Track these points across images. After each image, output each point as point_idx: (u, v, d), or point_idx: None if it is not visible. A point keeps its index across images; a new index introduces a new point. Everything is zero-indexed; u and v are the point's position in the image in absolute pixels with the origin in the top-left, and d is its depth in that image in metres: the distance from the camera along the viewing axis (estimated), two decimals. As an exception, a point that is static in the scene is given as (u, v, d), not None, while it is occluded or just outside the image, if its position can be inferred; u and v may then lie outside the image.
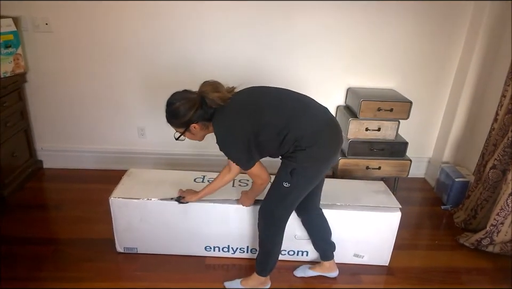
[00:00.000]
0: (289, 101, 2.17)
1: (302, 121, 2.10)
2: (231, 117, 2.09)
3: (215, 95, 2.05)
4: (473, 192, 3.17)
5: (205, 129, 2.17)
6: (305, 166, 2.11)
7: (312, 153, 2.08)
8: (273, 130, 2.08)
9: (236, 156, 2.13)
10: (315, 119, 2.14)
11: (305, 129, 2.08)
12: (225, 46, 3.40)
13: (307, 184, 2.20)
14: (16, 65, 3.25)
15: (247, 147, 2.07)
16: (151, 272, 2.59)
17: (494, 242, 2.90)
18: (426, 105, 3.71)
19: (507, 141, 2.80)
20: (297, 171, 2.10)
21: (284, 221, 2.30)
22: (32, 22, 3.25)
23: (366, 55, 3.50)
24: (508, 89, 2.84)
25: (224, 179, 2.32)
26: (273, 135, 2.08)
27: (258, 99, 2.15)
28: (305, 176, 2.14)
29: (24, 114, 3.47)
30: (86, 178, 3.66)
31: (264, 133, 2.07)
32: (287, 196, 2.19)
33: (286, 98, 2.19)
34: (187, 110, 2.06)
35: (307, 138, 2.06)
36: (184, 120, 2.09)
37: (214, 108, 2.09)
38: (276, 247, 2.38)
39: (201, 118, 2.10)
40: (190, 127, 2.12)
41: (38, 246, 2.77)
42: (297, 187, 2.16)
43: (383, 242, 2.70)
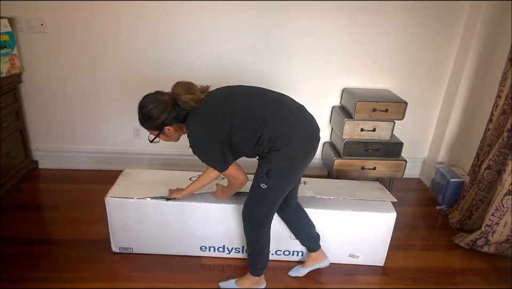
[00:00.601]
0: (263, 101, 2.16)
1: (275, 122, 2.09)
2: (204, 119, 2.08)
3: (188, 97, 2.04)
4: (468, 193, 3.18)
5: (179, 131, 2.16)
6: (281, 167, 2.11)
7: (287, 154, 2.08)
8: (247, 132, 2.07)
9: (210, 159, 2.12)
10: (289, 118, 2.13)
11: (279, 130, 2.07)
12: (224, 47, 3.40)
13: (284, 184, 2.20)
14: (12, 65, 3.24)
15: (221, 150, 2.06)
16: (147, 272, 2.59)
17: (489, 243, 2.91)
18: (422, 106, 3.72)
19: (502, 141, 2.81)
20: (273, 172, 2.10)
21: (267, 221, 2.31)
22: (28, 23, 3.24)
23: (361, 56, 3.50)
24: (502, 89, 2.85)
25: (210, 176, 2.28)
26: (247, 137, 2.08)
27: (231, 101, 2.13)
28: (281, 177, 2.14)
29: (19, 115, 3.47)
30: (82, 178, 3.66)
31: (238, 134, 2.06)
32: (266, 197, 2.19)
33: (260, 98, 2.18)
34: (160, 112, 2.04)
35: (281, 138, 2.06)
36: (157, 123, 2.07)
37: (186, 110, 2.07)
38: (264, 247, 2.38)
39: (174, 120, 2.08)
40: (164, 130, 2.11)
41: (34, 246, 2.77)
42: (275, 188, 2.16)
43: (378, 243, 2.70)
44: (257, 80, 3.46)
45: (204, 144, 2.09)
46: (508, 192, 2.72)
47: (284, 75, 3.53)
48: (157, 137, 2.17)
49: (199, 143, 2.09)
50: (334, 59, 3.51)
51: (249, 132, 2.07)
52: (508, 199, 2.73)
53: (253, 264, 2.44)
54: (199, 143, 2.09)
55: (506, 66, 2.82)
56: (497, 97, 2.90)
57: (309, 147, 2.17)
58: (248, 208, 2.27)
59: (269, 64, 3.49)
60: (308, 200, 2.64)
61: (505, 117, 2.83)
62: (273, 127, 2.07)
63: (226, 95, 2.17)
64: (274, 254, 2.72)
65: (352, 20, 3.37)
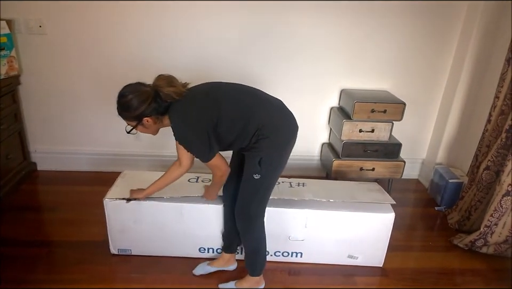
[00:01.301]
0: (244, 94, 2.20)
1: (261, 110, 2.14)
2: (188, 109, 2.08)
3: (170, 90, 2.04)
4: (467, 193, 3.18)
5: (158, 123, 2.15)
6: (271, 154, 2.13)
7: (276, 140, 2.13)
8: (232, 121, 2.09)
9: (196, 148, 2.11)
10: (273, 107, 2.20)
11: (266, 117, 2.12)
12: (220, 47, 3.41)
13: (275, 172, 2.21)
14: (10, 67, 3.24)
15: (207, 139, 2.06)
16: (145, 274, 2.58)
17: (488, 243, 2.91)
18: (420, 107, 3.72)
19: (500, 142, 2.82)
20: (264, 160, 2.11)
21: (262, 215, 2.32)
22: (26, 24, 3.24)
23: (360, 57, 3.51)
24: (500, 90, 2.85)
25: (173, 175, 2.29)
26: (232, 127, 2.10)
27: (216, 92, 2.15)
28: (271, 164, 2.15)
29: (18, 117, 3.46)
30: (80, 180, 3.65)
31: (223, 124, 2.07)
32: (259, 189, 2.20)
33: (241, 91, 2.21)
34: (140, 103, 2.03)
35: (269, 125, 2.10)
36: (136, 113, 2.06)
37: (168, 102, 2.07)
38: (262, 243, 2.39)
39: (154, 111, 2.07)
40: (143, 121, 2.10)
41: (32, 248, 2.77)
42: (267, 177, 2.18)
43: (377, 243, 2.70)
44: (255, 80, 3.46)
45: (190, 134, 2.08)
46: (506, 192, 2.72)
47: (282, 76, 3.53)
48: (135, 128, 2.16)
49: (184, 133, 2.09)
50: (333, 60, 3.51)
51: (234, 121, 2.09)
52: (506, 200, 2.73)
53: (252, 264, 2.44)
54: (185, 133, 2.09)
55: (504, 67, 2.82)
56: (495, 98, 2.90)
57: (293, 134, 2.22)
58: (243, 204, 2.27)
59: (267, 65, 3.50)
60: (306, 202, 2.65)
61: (504, 118, 2.84)
62: (259, 115, 2.11)
63: (210, 88, 2.19)
64: (273, 255, 2.71)
65: (351, 21, 3.37)
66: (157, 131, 2.23)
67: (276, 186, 2.34)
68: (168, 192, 2.54)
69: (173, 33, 3.35)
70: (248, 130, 2.09)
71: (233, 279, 2.52)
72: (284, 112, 2.23)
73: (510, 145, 2.76)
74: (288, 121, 2.21)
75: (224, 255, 2.63)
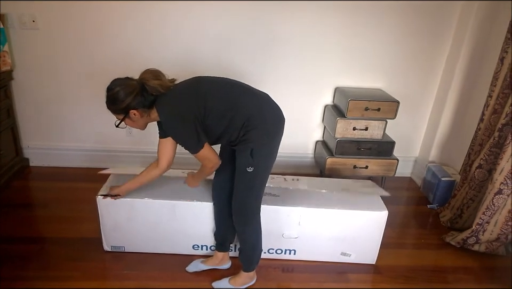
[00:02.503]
0: (231, 86, 2.21)
1: (246, 102, 2.15)
2: (176, 101, 2.09)
3: (155, 82, 2.05)
4: (459, 191, 3.20)
5: (145, 117, 2.14)
6: (262, 144, 2.14)
7: (265, 129, 2.14)
8: (219, 114, 2.10)
9: (185, 140, 2.11)
10: (258, 99, 2.21)
11: (252, 108, 2.14)
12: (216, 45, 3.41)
13: (268, 163, 2.22)
14: (3, 62, 3.22)
15: (195, 131, 2.06)
16: (139, 271, 2.58)
17: (479, 241, 2.92)
18: (413, 105, 3.74)
19: (493, 140, 2.83)
20: (256, 151, 2.12)
21: (258, 208, 2.33)
22: (19, 19, 3.22)
23: (354, 55, 3.51)
24: (494, 89, 2.86)
25: (150, 174, 2.32)
26: (220, 119, 2.11)
27: (200, 86, 2.16)
28: (262, 154, 2.16)
29: (10, 112, 3.44)
30: (73, 176, 3.64)
31: (210, 116, 2.08)
32: (254, 182, 2.21)
33: (227, 84, 2.21)
34: (126, 95, 2.04)
35: (255, 116, 2.11)
36: (122, 105, 2.06)
37: (154, 96, 2.08)
38: (259, 238, 2.41)
39: (140, 104, 2.07)
40: (130, 114, 2.09)
41: (24, 244, 2.75)
42: (260, 169, 2.18)
43: (370, 241, 2.71)
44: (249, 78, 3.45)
45: (179, 125, 2.09)
46: (498, 191, 2.73)
47: (276, 74, 3.53)
48: (123, 121, 2.15)
49: (173, 125, 2.09)
50: (327, 58, 3.51)
51: (222, 113, 2.10)
52: (498, 198, 2.75)
53: (248, 260, 2.45)
54: (174, 125, 2.09)
55: (498, 66, 2.83)
56: (488, 97, 2.92)
57: (281, 125, 2.24)
58: (240, 200, 2.27)
59: (261, 63, 3.50)
60: (300, 199, 2.65)
61: (496, 117, 2.85)
62: (246, 106, 2.13)
63: (196, 81, 2.20)
64: (267, 252, 2.72)
65: (345, 20, 3.38)
66: (145, 125, 2.23)
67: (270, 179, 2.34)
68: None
69: (165, 30, 3.34)
70: (236, 121, 2.10)
71: (227, 276, 2.52)
72: (270, 103, 2.24)
73: (502, 144, 2.78)
74: (275, 112, 2.22)
75: (217, 253, 2.62)
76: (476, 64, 3.36)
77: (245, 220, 2.33)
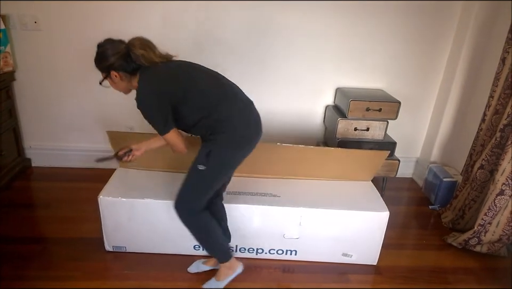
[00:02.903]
0: (216, 85, 2.18)
1: (223, 106, 2.13)
2: (157, 80, 2.09)
3: (140, 52, 2.06)
4: (461, 192, 3.19)
5: (126, 82, 2.15)
6: (222, 150, 2.13)
7: (231, 138, 2.12)
8: (193, 108, 2.10)
9: (152, 118, 2.08)
10: (237, 106, 2.17)
11: (226, 114, 2.12)
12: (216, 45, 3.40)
13: (222, 170, 2.21)
14: (5, 63, 3.23)
15: (165, 112, 2.06)
16: (140, 271, 2.58)
17: (481, 242, 2.92)
18: (415, 106, 3.74)
19: (495, 141, 2.83)
20: (214, 154, 2.11)
21: (202, 208, 2.27)
22: (21, 20, 3.23)
23: (355, 56, 3.51)
24: (495, 89, 2.86)
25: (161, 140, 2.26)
26: (192, 113, 2.11)
27: (189, 73, 2.15)
28: (219, 161, 2.15)
29: (12, 113, 3.46)
30: (75, 177, 3.64)
31: (186, 106, 2.08)
32: (202, 181, 2.19)
33: (214, 81, 2.19)
34: (110, 55, 2.07)
35: (227, 122, 2.11)
36: (105, 64, 2.09)
37: (138, 64, 2.09)
38: (212, 231, 2.34)
39: (122, 68, 2.09)
40: (111, 74, 2.12)
41: (26, 244, 2.76)
42: (212, 172, 2.16)
43: (371, 242, 2.71)
44: (250, 78, 3.47)
45: (151, 103, 2.06)
46: (500, 192, 2.73)
47: (278, 74, 3.53)
48: (105, 79, 2.17)
49: (145, 99, 2.07)
50: (328, 58, 3.51)
51: (197, 108, 2.10)
52: (500, 199, 2.74)
53: (214, 251, 2.42)
54: (145, 99, 2.07)
55: (499, 67, 2.83)
56: (490, 97, 2.91)
57: (252, 138, 2.21)
58: (183, 195, 2.22)
59: (262, 63, 3.50)
60: (301, 200, 2.66)
61: (498, 117, 2.85)
62: (221, 110, 2.11)
63: (188, 66, 2.20)
64: (268, 252, 2.72)
65: (346, 20, 3.38)
66: (126, 90, 2.24)
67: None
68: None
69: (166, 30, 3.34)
70: (208, 120, 2.11)
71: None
72: (250, 115, 2.21)
73: (504, 144, 2.77)
74: (251, 123, 2.20)
75: None
76: (477, 64, 3.35)
77: (189, 218, 2.27)
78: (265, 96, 3.58)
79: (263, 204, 2.58)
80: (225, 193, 2.58)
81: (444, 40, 3.49)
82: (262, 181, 2.86)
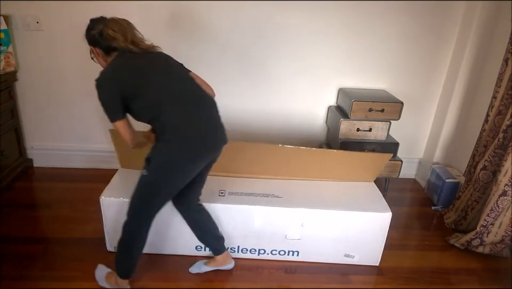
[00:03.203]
0: (173, 87, 2.12)
1: (174, 110, 2.07)
2: (118, 67, 2.09)
3: (107, 31, 2.09)
4: (463, 193, 3.19)
5: (103, 59, 2.19)
6: (162, 159, 2.08)
7: (175, 148, 2.06)
8: (141, 109, 2.08)
9: (104, 103, 2.06)
10: (189, 112, 2.09)
11: (174, 119, 2.06)
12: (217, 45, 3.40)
13: (166, 178, 2.12)
14: (7, 63, 3.23)
15: (115, 102, 2.04)
16: (142, 272, 2.57)
17: (484, 243, 2.91)
18: (418, 106, 3.73)
19: (497, 142, 2.82)
20: (153, 162, 2.07)
21: (144, 216, 2.22)
22: (23, 20, 3.23)
23: (358, 56, 3.51)
24: (498, 90, 2.85)
25: None
26: (144, 110, 2.08)
27: (147, 72, 2.11)
28: (159, 170, 2.09)
29: (14, 113, 3.46)
30: (77, 177, 3.65)
31: (135, 103, 2.06)
32: (145, 186, 2.14)
33: (172, 83, 2.14)
34: (90, 29, 2.14)
35: (172, 131, 2.06)
36: (87, 37, 2.17)
37: (112, 45, 2.10)
38: (134, 245, 2.27)
39: (98, 44, 2.15)
40: (92, 48, 2.19)
41: (28, 245, 2.76)
42: (154, 179, 2.12)
43: (373, 243, 2.70)
44: (251, 79, 3.47)
45: (105, 86, 2.05)
46: (503, 192, 2.72)
47: (280, 75, 3.52)
48: (91, 53, 2.23)
49: (101, 83, 2.05)
50: (331, 59, 3.51)
51: (148, 108, 2.07)
52: (503, 200, 2.74)
53: (118, 262, 2.34)
54: (101, 83, 2.05)
55: (502, 67, 2.82)
56: (493, 98, 2.90)
57: (203, 145, 2.13)
58: (132, 196, 2.19)
59: (263, 63, 3.49)
60: (303, 201, 2.65)
61: (501, 118, 2.84)
62: (167, 118, 2.05)
63: (152, 62, 2.16)
64: (270, 253, 2.72)
65: (348, 20, 3.37)
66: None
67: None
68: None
69: (167, 30, 3.34)
70: (155, 124, 2.09)
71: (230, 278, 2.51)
72: (201, 120, 2.13)
73: (507, 145, 2.77)
74: (201, 131, 2.12)
75: (216, 257, 2.59)
76: (480, 65, 3.34)
77: (128, 220, 2.21)
78: (266, 97, 3.58)
79: (265, 205, 2.58)
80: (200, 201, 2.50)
81: (446, 40, 3.48)
82: (264, 182, 2.85)
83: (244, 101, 3.58)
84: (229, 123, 2.84)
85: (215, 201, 2.58)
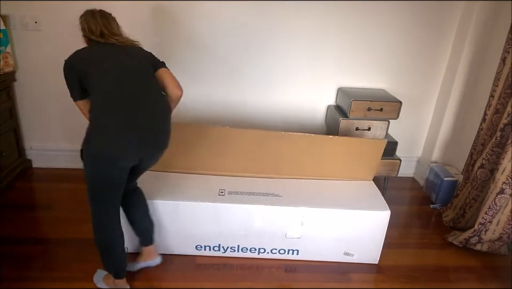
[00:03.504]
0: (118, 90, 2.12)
1: (105, 113, 2.11)
2: (81, 54, 2.22)
3: (81, 20, 2.28)
4: (461, 191, 3.20)
5: None
6: (85, 157, 2.15)
7: (92, 148, 2.13)
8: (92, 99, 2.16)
9: (66, 83, 2.27)
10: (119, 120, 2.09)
11: (97, 122, 2.13)
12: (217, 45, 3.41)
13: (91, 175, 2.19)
14: (5, 63, 3.23)
15: (74, 85, 2.24)
16: (142, 272, 2.58)
17: (482, 241, 2.92)
18: (416, 105, 3.74)
19: (495, 140, 2.83)
20: (84, 154, 2.15)
21: (100, 214, 2.27)
22: (21, 21, 3.23)
23: (357, 56, 3.52)
24: (496, 89, 2.87)
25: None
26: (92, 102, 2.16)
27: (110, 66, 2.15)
28: (88, 166, 2.16)
29: (13, 113, 3.45)
30: (76, 177, 3.62)
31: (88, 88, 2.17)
32: (86, 179, 2.20)
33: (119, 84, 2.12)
34: (79, 20, 2.30)
35: (95, 132, 2.14)
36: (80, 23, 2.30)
37: (83, 34, 2.28)
38: (107, 242, 2.27)
39: (84, 33, 2.29)
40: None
41: (28, 245, 2.76)
42: (88, 175, 2.19)
43: (372, 241, 2.72)
44: (252, 79, 3.47)
45: (66, 68, 2.24)
46: (500, 190, 2.73)
47: (279, 74, 3.53)
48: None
49: (65, 64, 2.24)
50: (330, 58, 3.51)
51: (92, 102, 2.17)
52: (500, 198, 2.75)
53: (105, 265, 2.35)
54: (65, 64, 2.24)
55: (500, 66, 2.83)
56: (491, 96, 2.92)
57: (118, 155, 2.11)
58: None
59: (263, 63, 3.49)
60: (303, 200, 2.66)
61: (498, 116, 2.85)
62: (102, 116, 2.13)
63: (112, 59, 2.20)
64: (270, 252, 2.72)
65: (348, 20, 3.38)
66: None
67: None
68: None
69: (168, 29, 3.34)
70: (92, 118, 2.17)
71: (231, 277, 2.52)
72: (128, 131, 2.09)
73: (504, 143, 2.78)
74: (118, 140, 2.09)
75: (144, 249, 2.54)
76: (477, 64, 3.36)
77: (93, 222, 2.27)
78: (266, 96, 3.58)
79: (265, 204, 2.58)
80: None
81: (445, 40, 3.50)
82: (264, 181, 2.86)
83: (243, 100, 3.58)
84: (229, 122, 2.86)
85: (215, 201, 2.58)
